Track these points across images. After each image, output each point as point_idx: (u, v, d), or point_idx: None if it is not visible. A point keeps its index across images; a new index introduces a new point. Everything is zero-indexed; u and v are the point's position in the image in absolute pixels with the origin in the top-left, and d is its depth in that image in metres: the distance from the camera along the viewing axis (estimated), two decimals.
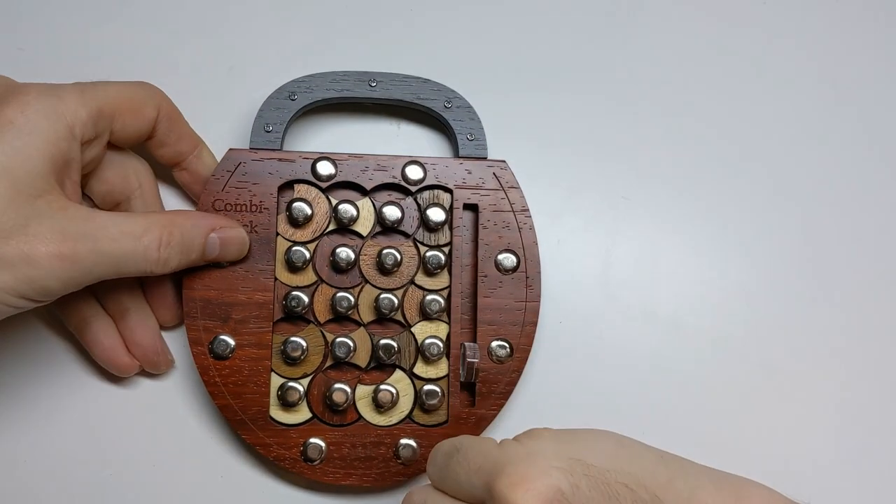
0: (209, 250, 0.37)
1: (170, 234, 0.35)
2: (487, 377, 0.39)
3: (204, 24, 0.43)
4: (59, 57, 0.42)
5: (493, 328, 0.39)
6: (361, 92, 0.41)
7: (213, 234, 0.37)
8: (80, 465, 0.39)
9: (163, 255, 0.35)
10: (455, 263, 0.40)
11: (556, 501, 0.27)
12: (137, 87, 0.37)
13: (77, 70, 0.41)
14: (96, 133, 0.35)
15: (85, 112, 0.34)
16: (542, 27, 0.44)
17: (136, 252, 0.34)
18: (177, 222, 0.36)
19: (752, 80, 0.45)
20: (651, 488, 0.29)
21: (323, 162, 0.40)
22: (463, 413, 0.39)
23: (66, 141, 0.34)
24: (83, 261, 0.33)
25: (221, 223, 0.37)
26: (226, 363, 0.38)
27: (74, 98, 0.34)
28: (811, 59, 0.45)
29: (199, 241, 0.36)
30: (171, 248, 0.35)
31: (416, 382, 0.39)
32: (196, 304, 0.38)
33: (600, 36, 0.44)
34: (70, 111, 0.34)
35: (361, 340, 0.39)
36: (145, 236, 0.34)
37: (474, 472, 0.29)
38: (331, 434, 0.38)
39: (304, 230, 0.40)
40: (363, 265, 0.40)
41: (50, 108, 0.33)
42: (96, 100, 0.35)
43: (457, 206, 0.40)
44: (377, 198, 0.40)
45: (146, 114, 0.37)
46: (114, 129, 0.36)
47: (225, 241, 0.37)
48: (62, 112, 0.34)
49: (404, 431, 0.39)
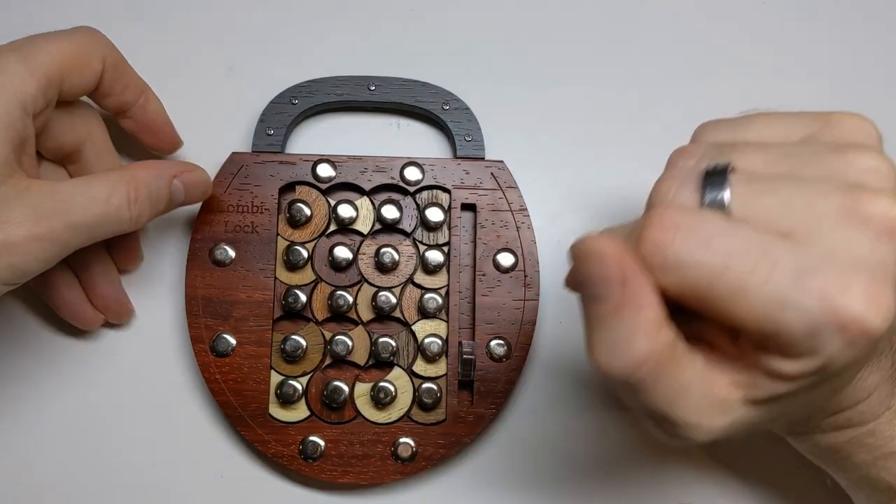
0: (175, 197, 0.37)
1: (136, 190, 0.35)
2: (486, 376, 0.39)
3: (206, 28, 0.44)
4: None
5: (491, 327, 0.39)
6: (361, 95, 0.42)
7: (175, 180, 0.37)
8: (78, 461, 0.40)
9: (134, 213, 0.35)
10: (453, 263, 0.40)
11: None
12: (81, 39, 0.36)
13: None
14: (46, 103, 0.35)
15: (34, 84, 0.33)
16: (541, 28, 0.45)
17: (109, 215, 0.34)
18: (139, 176, 0.35)
19: (753, 81, 0.45)
20: None
21: (323, 164, 0.40)
22: (461, 412, 0.39)
23: (20, 120, 0.33)
24: (59, 237, 0.33)
25: (181, 168, 0.37)
26: (226, 360, 0.39)
27: (20, 71, 0.33)
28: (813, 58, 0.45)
29: (165, 191, 0.36)
30: (140, 203, 0.35)
31: (414, 380, 0.39)
32: (198, 303, 0.39)
33: (599, 37, 0.45)
34: (18, 88, 0.33)
35: (360, 338, 0.40)
36: (113, 197, 0.34)
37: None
38: (329, 432, 0.39)
39: (303, 230, 0.40)
40: (361, 264, 0.40)
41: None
42: (41, 67, 0.34)
43: (455, 206, 0.40)
44: (376, 198, 0.41)
45: (93, 67, 0.36)
46: (62, 91, 0.35)
47: (188, 185, 0.37)
48: (11, 90, 0.33)
49: (402, 429, 0.39)
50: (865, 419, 0.31)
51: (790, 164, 0.26)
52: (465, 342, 0.39)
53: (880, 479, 0.32)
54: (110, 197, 0.34)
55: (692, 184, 0.26)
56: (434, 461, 0.38)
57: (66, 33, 0.36)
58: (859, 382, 0.30)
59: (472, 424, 0.39)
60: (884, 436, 0.31)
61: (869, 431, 0.31)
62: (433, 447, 0.38)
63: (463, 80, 0.43)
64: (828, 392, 0.28)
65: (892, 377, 0.31)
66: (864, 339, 0.23)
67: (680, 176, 0.27)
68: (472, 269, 0.40)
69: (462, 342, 0.39)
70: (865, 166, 0.26)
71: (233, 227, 0.40)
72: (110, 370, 0.40)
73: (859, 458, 0.32)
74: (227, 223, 0.40)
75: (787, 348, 0.24)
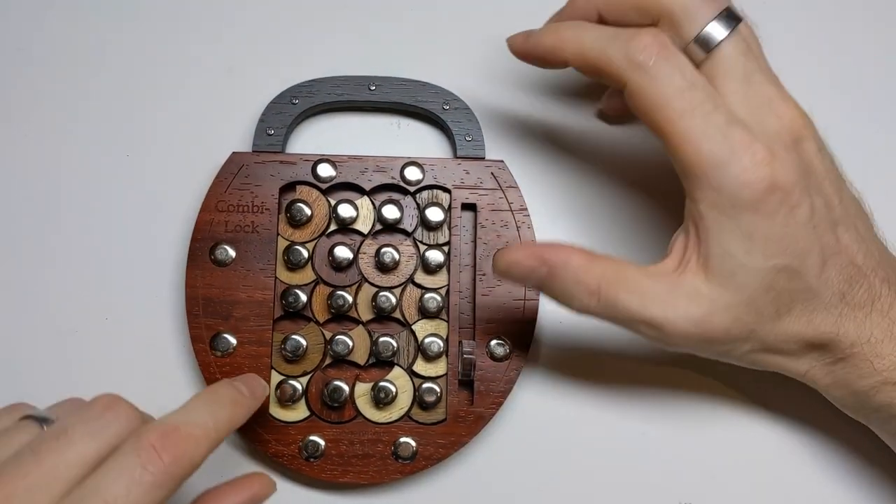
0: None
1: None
2: (486, 376, 0.39)
3: (206, 28, 0.44)
4: (60, 57, 0.43)
5: (491, 326, 0.39)
6: (361, 95, 0.42)
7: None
8: None
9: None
10: (453, 262, 0.40)
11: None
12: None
13: (77, 70, 0.43)
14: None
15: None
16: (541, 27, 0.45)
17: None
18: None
19: None
20: None
21: (323, 164, 0.41)
22: (461, 411, 0.39)
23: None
24: None
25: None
26: (226, 360, 0.39)
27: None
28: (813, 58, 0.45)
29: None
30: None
31: (414, 380, 0.39)
32: (198, 302, 0.39)
33: None
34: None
35: (360, 338, 0.40)
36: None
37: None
38: (329, 431, 0.39)
39: (303, 230, 0.40)
40: (361, 264, 0.40)
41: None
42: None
43: (455, 206, 0.40)
44: (376, 198, 0.41)
45: None
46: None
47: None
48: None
49: (402, 429, 0.39)
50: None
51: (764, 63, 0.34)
52: (466, 342, 0.39)
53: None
54: None
55: (712, 9, 0.33)
56: (434, 461, 0.38)
57: None
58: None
59: (472, 424, 0.39)
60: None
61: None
62: (433, 447, 0.38)
63: (463, 80, 0.43)
64: (789, 289, 0.33)
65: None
66: (753, 176, 0.32)
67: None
68: (473, 269, 0.40)
69: (462, 342, 0.39)
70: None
71: (233, 226, 0.40)
72: (110, 369, 0.40)
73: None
74: (228, 223, 0.40)
75: (698, 172, 0.32)
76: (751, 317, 0.33)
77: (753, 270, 0.33)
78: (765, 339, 0.34)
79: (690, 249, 0.34)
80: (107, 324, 0.41)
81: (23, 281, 0.41)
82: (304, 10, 0.44)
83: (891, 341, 0.34)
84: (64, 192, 0.42)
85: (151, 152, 0.43)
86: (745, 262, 0.33)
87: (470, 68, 0.44)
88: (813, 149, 0.34)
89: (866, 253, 0.34)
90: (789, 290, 0.33)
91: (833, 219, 0.34)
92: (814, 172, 0.34)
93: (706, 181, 0.32)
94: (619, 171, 0.43)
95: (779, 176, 0.32)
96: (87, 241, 0.42)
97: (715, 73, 0.33)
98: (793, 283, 0.33)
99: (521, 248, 0.35)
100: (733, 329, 0.33)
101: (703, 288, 0.33)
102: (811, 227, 0.33)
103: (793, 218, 0.33)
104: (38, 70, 0.42)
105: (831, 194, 0.34)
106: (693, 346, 0.34)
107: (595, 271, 0.34)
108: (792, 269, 0.33)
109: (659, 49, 0.32)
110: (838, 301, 0.34)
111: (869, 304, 0.34)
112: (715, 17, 0.33)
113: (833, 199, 0.34)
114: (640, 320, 0.33)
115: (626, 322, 0.34)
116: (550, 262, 0.34)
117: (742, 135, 0.32)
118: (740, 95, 0.33)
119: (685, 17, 0.33)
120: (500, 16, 0.45)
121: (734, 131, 0.32)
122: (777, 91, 0.34)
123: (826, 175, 0.34)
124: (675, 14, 0.33)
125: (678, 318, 0.33)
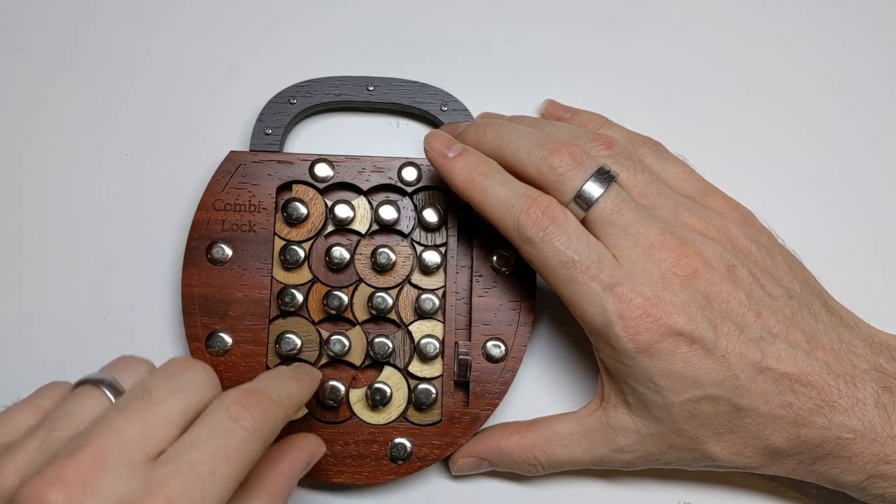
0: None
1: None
2: (482, 377, 0.39)
3: (206, 28, 0.44)
4: (60, 57, 0.43)
5: (487, 327, 0.39)
6: (359, 95, 0.42)
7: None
8: None
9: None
10: (450, 263, 0.40)
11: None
12: None
13: (77, 70, 0.43)
14: None
15: None
16: (540, 28, 0.45)
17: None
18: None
19: (753, 83, 0.45)
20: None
21: (320, 164, 0.41)
22: (457, 412, 0.39)
23: None
24: None
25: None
26: (222, 359, 0.39)
27: None
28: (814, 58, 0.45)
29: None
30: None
31: (410, 381, 0.39)
32: (194, 301, 0.39)
33: (598, 37, 0.45)
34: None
35: (356, 338, 0.40)
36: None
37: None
38: (324, 432, 0.39)
39: (299, 230, 0.40)
40: (358, 264, 0.40)
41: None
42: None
43: (452, 207, 0.40)
44: (374, 198, 0.41)
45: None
46: None
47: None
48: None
49: (397, 430, 0.39)
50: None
51: (651, 203, 0.36)
52: (462, 343, 0.39)
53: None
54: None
55: (585, 172, 0.35)
56: (429, 462, 0.38)
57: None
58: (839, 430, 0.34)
59: (467, 425, 0.39)
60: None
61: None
62: (428, 448, 0.38)
63: (462, 81, 0.43)
64: (719, 412, 0.34)
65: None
66: (635, 331, 0.33)
67: (583, 160, 0.35)
68: (469, 270, 0.40)
69: (458, 343, 0.39)
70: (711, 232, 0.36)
71: (230, 225, 0.40)
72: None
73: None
74: (225, 222, 0.40)
75: (589, 329, 0.35)
76: (685, 441, 0.35)
77: (666, 406, 0.34)
78: (720, 456, 0.35)
79: (608, 387, 0.36)
80: (106, 323, 0.41)
81: (22, 281, 0.41)
82: (303, 10, 0.45)
83: (862, 439, 0.34)
84: (62, 192, 0.42)
85: (150, 151, 0.43)
86: (655, 399, 0.34)
87: (468, 69, 0.44)
88: (712, 277, 0.34)
89: (808, 355, 0.34)
90: (719, 413, 0.34)
91: (755, 336, 0.34)
92: (717, 299, 0.34)
93: (597, 337, 0.35)
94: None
95: (666, 321, 0.33)
96: (85, 240, 0.42)
97: (597, 227, 0.35)
98: (720, 408, 0.34)
99: (463, 450, 0.38)
100: (671, 453, 0.36)
101: (626, 420, 0.36)
102: (719, 357, 0.33)
103: (694, 354, 0.33)
104: (37, 70, 0.42)
105: (746, 312, 0.34)
106: (649, 465, 0.37)
107: (526, 445, 0.37)
108: (714, 397, 0.34)
109: (547, 224, 0.34)
110: (785, 412, 0.34)
111: (825, 407, 0.34)
112: (589, 178, 0.35)
113: (748, 317, 0.34)
114: (587, 463, 0.37)
115: (577, 466, 0.37)
116: (487, 457, 0.38)
117: (622, 293, 0.33)
118: (625, 245, 0.34)
119: (562, 183, 0.35)
120: (499, 16, 0.45)
121: (613, 293, 0.34)
122: (658, 235, 0.34)
123: (738, 292, 0.34)
124: (553, 183, 0.35)
125: (616, 451, 0.36)
